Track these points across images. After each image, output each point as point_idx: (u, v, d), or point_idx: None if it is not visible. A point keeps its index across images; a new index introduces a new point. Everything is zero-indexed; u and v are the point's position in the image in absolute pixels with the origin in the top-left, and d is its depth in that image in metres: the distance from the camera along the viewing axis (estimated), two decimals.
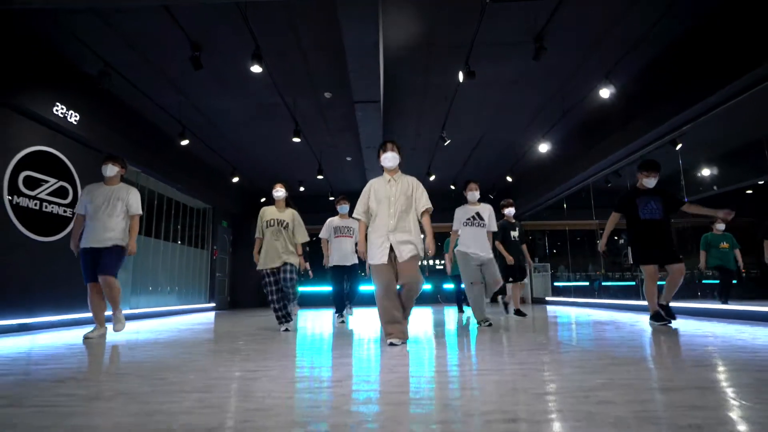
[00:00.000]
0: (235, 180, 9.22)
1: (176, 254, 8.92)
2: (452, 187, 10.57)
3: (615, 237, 9.04)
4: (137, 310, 7.34)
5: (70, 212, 5.50)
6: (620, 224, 4.24)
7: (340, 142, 8.46)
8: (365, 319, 5.76)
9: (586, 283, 9.97)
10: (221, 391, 1.70)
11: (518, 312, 5.73)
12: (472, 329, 4.08)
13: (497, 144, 8.70)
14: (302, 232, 4.30)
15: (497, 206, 5.49)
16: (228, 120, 7.37)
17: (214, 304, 10.28)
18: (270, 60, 5.36)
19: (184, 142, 6.91)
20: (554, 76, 6.05)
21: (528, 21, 4.80)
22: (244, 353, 2.75)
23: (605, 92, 5.68)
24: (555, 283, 11.17)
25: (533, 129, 7.84)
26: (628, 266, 8.58)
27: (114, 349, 3.09)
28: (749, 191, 6.86)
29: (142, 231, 7.58)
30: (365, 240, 3.21)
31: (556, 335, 3.52)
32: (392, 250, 3.01)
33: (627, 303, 7.19)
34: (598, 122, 7.15)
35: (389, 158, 3.18)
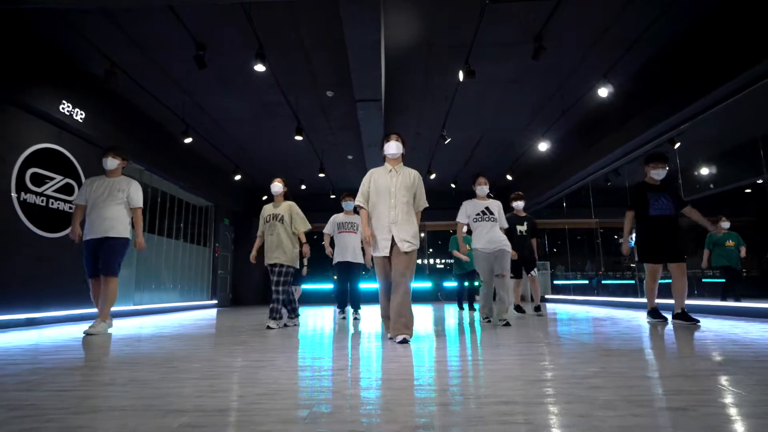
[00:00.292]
0: (238, 178, 9.29)
1: (179, 251, 9.00)
2: (453, 186, 10.64)
3: (615, 236, 9.09)
4: (140, 306, 7.43)
5: None
6: (619, 223, 4.28)
7: (342, 141, 8.53)
8: (368, 316, 5.83)
9: (586, 282, 10.04)
10: (229, 378, 1.78)
11: (518, 308, 5.81)
12: (476, 326, 4.14)
13: (497, 143, 8.77)
14: (300, 221, 4.20)
15: (506, 201, 5.42)
16: (231, 118, 7.45)
17: (216, 301, 10.37)
18: (273, 59, 5.43)
19: (188, 141, 6.98)
20: (553, 76, 6.11)
21: (527, 21, 4.87)
22: (249, 345, 2.83)
23: (604, 91, 5.74)
24: (554, 282, 11.25)
25: (533, 128, 7.90)
26: (627, 265, 8.64)
27: (121, 342, 3.16)
28: (748, 190, 6.89)
29: (145, 228, 7.66)
30: (368, 226, 3.12)
31: (555, 330, 3.59)
32: (394, 242, 3.03)
33: (625, 300, 7.26)
34: (597, 121, 7.22)
35: (393, 146, 3.17)
